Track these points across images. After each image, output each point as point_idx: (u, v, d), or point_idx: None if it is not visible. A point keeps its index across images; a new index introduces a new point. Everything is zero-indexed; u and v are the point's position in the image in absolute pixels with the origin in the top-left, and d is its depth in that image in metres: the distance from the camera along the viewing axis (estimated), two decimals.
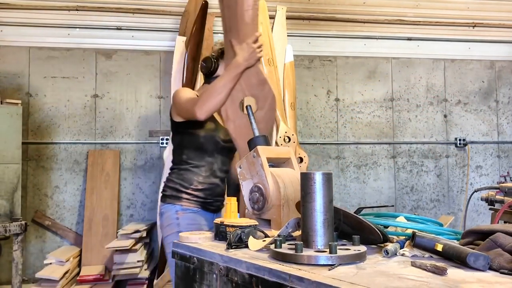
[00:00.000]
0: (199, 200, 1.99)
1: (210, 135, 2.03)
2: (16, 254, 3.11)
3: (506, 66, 4.65)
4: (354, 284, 0.85)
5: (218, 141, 2.04)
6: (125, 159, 3.97)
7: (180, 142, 2.06)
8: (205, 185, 2.01)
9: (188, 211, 1.97)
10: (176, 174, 2.04)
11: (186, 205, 1.98)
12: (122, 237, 3.38)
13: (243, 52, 1.81)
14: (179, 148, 2.07)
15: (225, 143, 2.06)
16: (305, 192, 1.11)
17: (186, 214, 1.96)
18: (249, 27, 1.82)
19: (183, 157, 2.04)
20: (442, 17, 4.50)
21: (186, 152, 2.04)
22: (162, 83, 4.07)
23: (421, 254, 1.12)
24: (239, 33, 1.82)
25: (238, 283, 1.08)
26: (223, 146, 2.06)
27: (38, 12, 3.90)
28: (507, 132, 4.62)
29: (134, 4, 4.02)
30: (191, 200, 1.98)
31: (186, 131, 2.03)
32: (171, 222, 1.96)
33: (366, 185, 4.33)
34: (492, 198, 1.92)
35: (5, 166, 3.14)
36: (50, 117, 3.89)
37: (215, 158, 2.05)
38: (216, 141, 2.04)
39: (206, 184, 2.01)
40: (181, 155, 2.05)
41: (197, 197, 1.99)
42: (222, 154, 2.08)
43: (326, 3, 4.32)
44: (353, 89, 4.38)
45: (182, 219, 1.95)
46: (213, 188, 2.03)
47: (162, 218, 2.02)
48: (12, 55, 3.86)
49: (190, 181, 2.00)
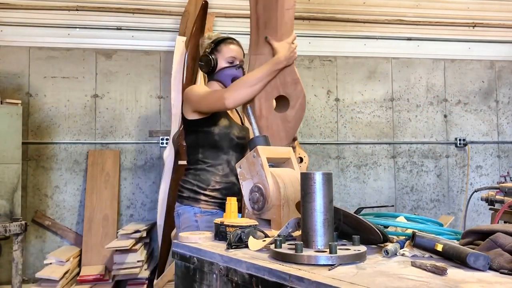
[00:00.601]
0: (217, 201, 1.98)
1: (225, 132, 2.02)
2: (16, 254, 3.11)
3: (506, 66, 4.65)
4: (354, 284, 0.85)
5: (232, 138, 2.03)
6: (125, 159, 3.97)
7: (195, 141, 2.05)
8: (222, 184, 2.00)
9: (207, 214, 1.97)
10: (192, 175, 2.02)
11: (204, 208, 1.97)
12: (122, 237, 3.39)
13: (284, 50, 1.84)
14: (194, 148, 2.06)
15: (239, 139, 2.06)
16: (305, 192, 1.11)
17: (205, 217, 1.96)
18: (287, 26, 1.86)
19: (199, 156, 2.02)
20: (442, 17, 4.50)
21: (201, 151, 2.02)
22: (162, 83, 4.07)
23: (421, 254, 1.12)
24: (277, 32, 1.85)
25: (238, 283, 1.08)
26: (237, 143, 2.05)
27: (38, 12, 3.90)
28: (507, 132, 4.62)
29: (134, 4, 4.02)
30: (209, 202, 1.97)
31: (200, 129, 2.01)
32: (190, 224, 1.95)
33: (366, 185, 4.33)
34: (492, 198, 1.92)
35: (5, 166, 3.14)
36: (50, 117, 3.89)
37: (231, 156, 2.04)
38: (231, 138, 2.02)
39: (223, 184, 2.00)
40: (197, 154, 2.03)
41: (215, 198, 1.98)
42: (237, 151, 2.07)
43: (326, 3, 4.33)
44: (353, 89, 4.39)
45: (201, 222, 1.94)
46: (230, 187, 2.02)
47: (179, 219, 2.01)
48: (12, 55, 3.86)
49: (207, 182, 1.98)
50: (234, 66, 2.11)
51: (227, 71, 2.09)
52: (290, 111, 1.87)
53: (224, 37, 2.16)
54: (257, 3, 1.87)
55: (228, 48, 2.11)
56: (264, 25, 1.87)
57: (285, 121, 1.87)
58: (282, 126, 1.86)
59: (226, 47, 2.11)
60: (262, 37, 1.88)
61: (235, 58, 2.11)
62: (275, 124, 1.85)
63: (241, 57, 2.15)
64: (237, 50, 2.13)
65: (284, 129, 1.86)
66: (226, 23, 4.15)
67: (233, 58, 2.11)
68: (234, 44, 2.14)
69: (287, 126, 1.87)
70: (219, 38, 2.15)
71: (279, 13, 1.82)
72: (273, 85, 1.85)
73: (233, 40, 2.16)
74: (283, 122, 1.86)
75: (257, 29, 1.90)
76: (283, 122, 1.86)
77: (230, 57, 2.10)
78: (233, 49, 2.12)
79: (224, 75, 2.10)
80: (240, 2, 4.15)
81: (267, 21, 1.86)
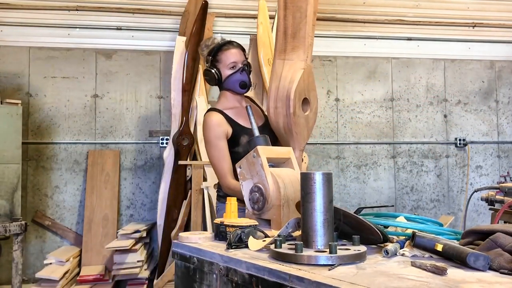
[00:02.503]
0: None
1: (248, 148, 2.07)
2: (16, 254, 3.11)
3: (506, 66, 4.65)
4: (354, 284, 0.85)
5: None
6: (125, 159, 3.97)
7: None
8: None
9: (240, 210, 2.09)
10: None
11: (240, 205, 2.07)
12: (122, 237, 3.39)
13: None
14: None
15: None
16: (305, 192, 1.11)
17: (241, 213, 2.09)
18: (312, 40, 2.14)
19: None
20: (442, 17, 4.50)
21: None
22: (162, 83, 4.07)
23: (421, 254, 1.12)
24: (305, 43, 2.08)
25: (238, 283, 1.08)
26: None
27: (38, 12, 3.90)
28: (507, 132, 4.62)
29: (134, 4, 4.02)
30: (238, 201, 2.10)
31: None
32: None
33: (366, 185, 4.33)
34: (492, 198, 1.92)
35: (5, 166, 3.14)
36: (50, 117, 3.89)
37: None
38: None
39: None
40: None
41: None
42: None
43: (326, 3, 4.32)
44: (353, 89, 4.38)
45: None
46: None
47: (217, 214, 2.16)
48: (12, 55, 3.86)
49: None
50: (237, 70, 2.12)
51: (232, 78, 2.12)
52: (310, 113, 2.05)
53: (220, 44, 2.16)
54: (286, 15, 2.08)
55: (226, 55, 2.12)
56: (293, 35, 2.07)
57: (307, 121, 2.05)
58: (305, 125, 2.04)
59: (224, 54, 2.12)
60: (290, 45, 2.07)
61: (236, 63, 2.12)
62: (302, 122, 2.03)
63: (242, 58, 2.15)
64: (235, 53, 2.13)
65: (306, 128, 2.05)
66: (226, 23, 4.15)
67: (234, 63, 2.12)
68: (231, 48, 2.14)
69: (308, 126, 2.05)
70: (215, 46, 2.15)
71: (308, 27, 2.03)
72: (302, 87, 2.02)
73: (229, 45, 2.16)
74: (306, 122, 2.04)
75: (285, 38, 2.09)
76: (306, 121, 2.04)
77: (231, 63, 2.12)
78: (231, 53, 2.13)
79: (230, 82, 2.13)
80: (240, 2, 4.15)
81: (296, 32, 2.06)
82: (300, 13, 2.04)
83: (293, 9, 2.05)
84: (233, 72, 2.11)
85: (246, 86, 2.16)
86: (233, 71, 2.11)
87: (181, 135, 3.45)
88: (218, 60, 2.13)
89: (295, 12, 2.05)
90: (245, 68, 2.15)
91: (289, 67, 2.05)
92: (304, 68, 2.03)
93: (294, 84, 1.99)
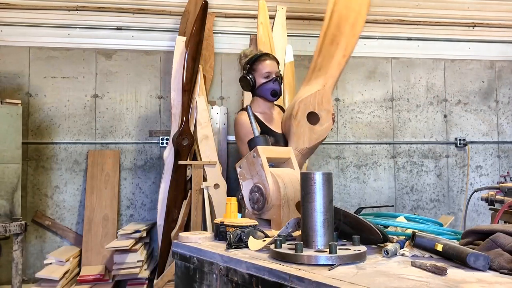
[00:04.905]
0: None
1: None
2: (16, 254, 3.11)
3: (506, 66, 4.65)
4: (354, 284, 0.85)
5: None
6: (125, 159, 3.97)
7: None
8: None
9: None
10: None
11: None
12: (122, 237, 3.39)
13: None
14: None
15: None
16: (305, 192, 1.11)
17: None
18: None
19: None
20: (442, 17, 4.50)
21: None
22: (162, 83, 4.07)
23: (421, 254, 1.12)
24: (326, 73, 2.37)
25: (238, 283, 1.08)
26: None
27: (38, 12, 3.90)
28: (507, 132, 4.61)
29: (134, 4, 4.02)
30: None
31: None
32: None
33: (366, 185, 4.33)
34: (492, 198, 1.92)
35: (5, 166, 3.14)
36: (50, 117, 3.89)
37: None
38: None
39: None
40: None
41: None
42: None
43: (326, 3, 4.31)
44: (353, 89, 4.38)
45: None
46: None
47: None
48: (12, 55, 3.86)
49: None
50: (270, 80, 2.38)
51: (265, 86, 2.38)
52: (318, 126, 2.27)
53: (258, 55, 2.43)
54: (319, 55, 2.41)
55: (263, 65, 2.39)
56: (319, 70, 2.39)
57: (312, 131, 2.25)
58: (308, 133, 2.24)
59: (260, 64, 2.39)
60: (314, 76, 2.38)
61: (270, 73, 2.39)
62: (303, 128, 2.24)
63: (276, 69, 2.43)
64: (271, 65, 2.40)
65: (308, 136, 2.25)
66: (226, 23, 4.15)
67: (269, 73, 2.39)
68: (267, 59, 2.41)
69: (311, 135, 2.25)
70: (254, 56, 2.41)
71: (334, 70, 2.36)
72: (312, 101, 2.26)
73: (267, 56, 2.43)
74: (309, 131, 2.25)
75: (312, 73, 2.41)
76: (310, 131, 2.25)
77: (266, 72, 2.39)
78: (267, 64, 2.39)
79: (263, 90, 2.39)
80: (240, 2, 4.15)
81: (321, 68, 2.38)
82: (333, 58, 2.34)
83: (327, 55, 2.36)
84: (267, 81, 2.37)
85: (277, 94, 2.42)
86: (267, 80, 2.37)
87: (181, 135, 3.45)
88: (254, 69, 2.39)
89: (328, 57, 2.35)
90: (278, 78, 2.41)
91: (307, 90, 2.32)
92: (319, 89, 2.27)
93: (303, 96, 2.25)
